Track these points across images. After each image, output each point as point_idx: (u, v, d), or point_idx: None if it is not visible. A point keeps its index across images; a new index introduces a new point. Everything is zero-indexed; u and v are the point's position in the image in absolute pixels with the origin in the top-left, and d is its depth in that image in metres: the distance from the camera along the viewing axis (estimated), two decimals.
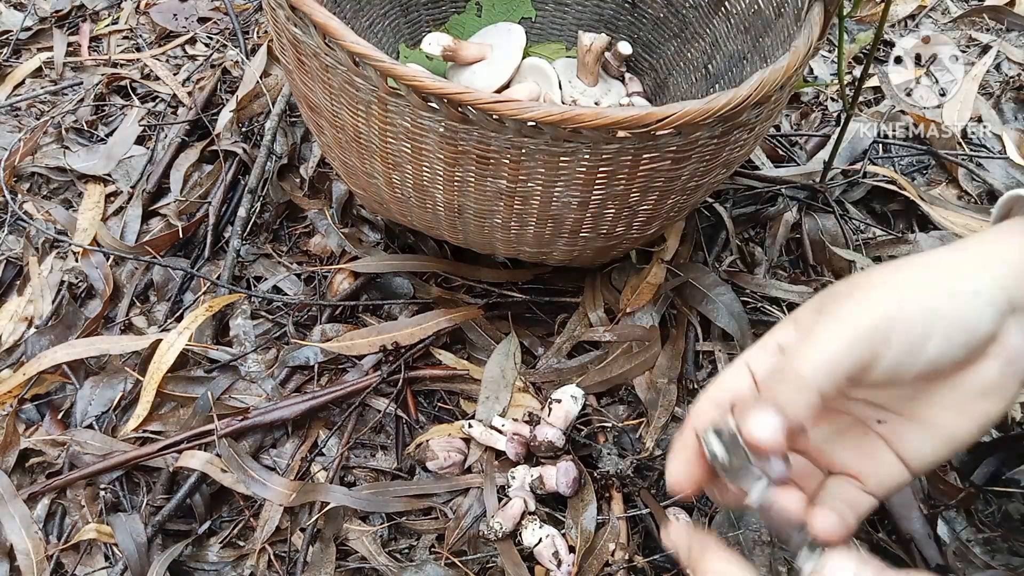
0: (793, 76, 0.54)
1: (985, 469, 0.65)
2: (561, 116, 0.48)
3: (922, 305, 0.34)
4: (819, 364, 0.33)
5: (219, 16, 1.16)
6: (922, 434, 0.38)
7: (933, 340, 0.34)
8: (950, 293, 0.34)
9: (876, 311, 0.34)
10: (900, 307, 0.34)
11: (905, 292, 0.35)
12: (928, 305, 0.34)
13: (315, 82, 0.58)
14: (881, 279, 0.36)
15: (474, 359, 0.74)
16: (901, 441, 0.38)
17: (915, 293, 0.35)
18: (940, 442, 0.37)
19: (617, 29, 0.94)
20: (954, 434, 0.37)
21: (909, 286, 0.35)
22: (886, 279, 0.36)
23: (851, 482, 0.38)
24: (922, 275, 0.35)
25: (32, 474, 0.69)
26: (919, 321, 0.34)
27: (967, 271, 0.35)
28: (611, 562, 0.61)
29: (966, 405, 0.37)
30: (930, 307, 0.34)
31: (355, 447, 0.70)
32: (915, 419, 0.38)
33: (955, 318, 0.34)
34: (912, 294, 0.34)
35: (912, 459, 0.38)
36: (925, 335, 0.34)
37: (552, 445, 0.64)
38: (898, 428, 0.38)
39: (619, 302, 0.76)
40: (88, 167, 0.92)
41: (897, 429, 0.38)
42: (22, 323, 0.79)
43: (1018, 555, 0.61)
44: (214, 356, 0.74)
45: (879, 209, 0.90)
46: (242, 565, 0.64)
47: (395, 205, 0.66)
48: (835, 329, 0.34)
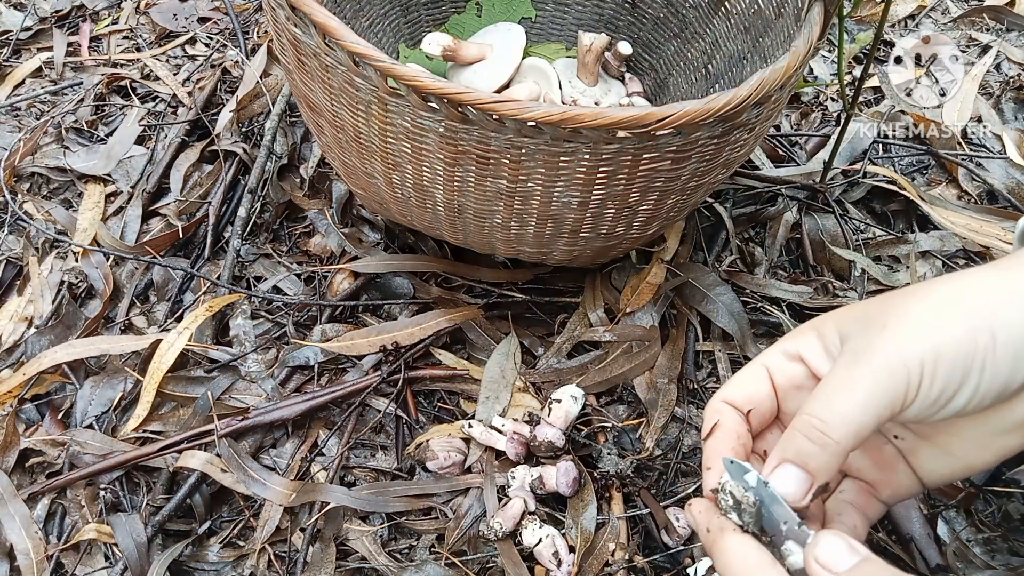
0: (793, 76, 0.54)
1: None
2: (561, 116, 0.48)
3: (961, 350, 0.32)
4: (851, 428, 0.32)
5: (219, 16, 1.16)
6: (939, 457, 0.37)
7: (966, 389, 0.32)
8: (991, 336, 0.32)
9: (911, 351, 0.32)
10: (937, 348, 0.32)
11: (943, 332, 0.32)
12: (967, 350, 0.32)
13: (315, 82, 0.58)
14: (919, 311, 0.33)
15: (474, 359, 0.74)
16: (917, 459, 0.38)
17: (954, 335, 0.32)
18: (956, 467, 0.37)
19: (617, 29, 0.94)
20: (971, 463, 0.37)
21: (947, 323, 0.33)
22: (925, 312, 0.33)
23: (866, 488, 0.38)
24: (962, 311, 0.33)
25: (32, 474, 0.69)
26: (955, 368, 0.32)
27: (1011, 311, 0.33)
28: (611, 562, 0.61)
29: (987, 440, 0.36)
30: (968, 352, 0.32)
31: (355, 447, 0.70)
32: (932, 442, 0.38)
33: (992, 370, 0.32)
34: (951, 335, 0.32)
35: (926, 476, 0.38)
36: (959, 383, 0.32)
37: (552, 445, 0.64)
38: (915, 447, 0.38)
39: (619, 302, 0.76)
40: (88, 167, 0.92)
41: (914, 447, 0.38)
42: (22, 323, 0.79)
43: (1018, 555, 0.61)
44: (214, 356, 0.74)
45: (879, 209, 0.90)
46: (242, 565, 0.64)
47: (395, 205, 0.66)
48: (866, 384, 0.32)
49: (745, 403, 0.37)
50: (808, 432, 0.33)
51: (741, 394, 0.38)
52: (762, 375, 0.38)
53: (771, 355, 0.39)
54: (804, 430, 0.33)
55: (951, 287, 0.34)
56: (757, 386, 0.38)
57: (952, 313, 0.33)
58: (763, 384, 0.38)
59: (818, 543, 0.31)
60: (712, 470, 0.36)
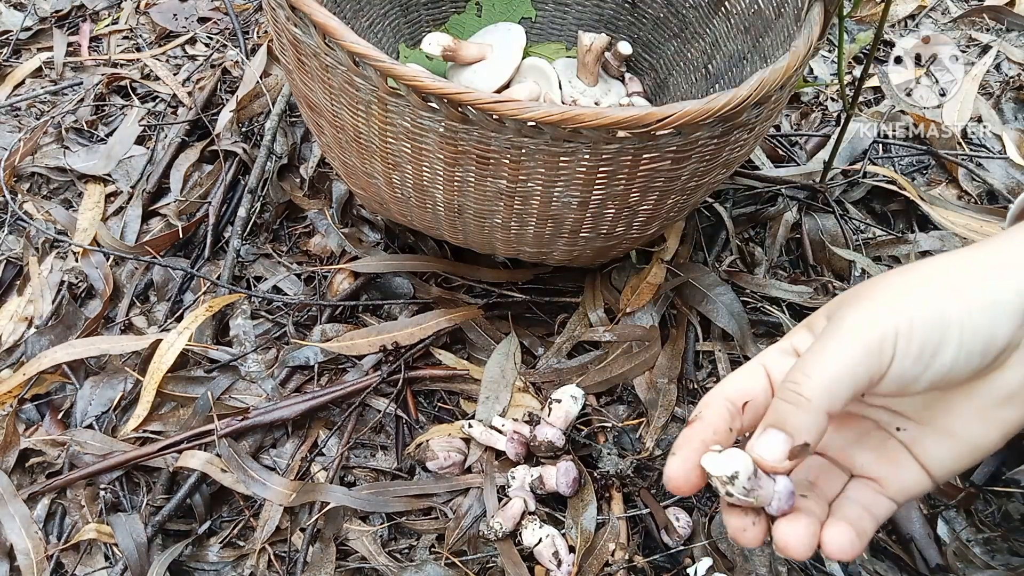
0: (793, 76, 0.54)
1: (985, 469, 0.65)
2: (561, 116, 0.48)
3: (933, 314, 0.33)
4: (824, 385, 0.33)
5: (219, 16, 1.16)
6: (943, 442, 0.37)
7: (946, 351, 0.33)
8: (964, 301, 0.34)
9: (884, 323, 0.33)
10: (909, 317, 0.33)
11: (914, 301, 0.34)
12: (940, 315, 0.33)
13: (315, 82, 0.58)
14: (890, 287, 0.35)
15: (474, 359, 0.74)
16: (922, 449, 0.38)
17: (925, 302, 0.34)
18: (962, 450, 0.37)
19: (617, 29, 0.94)
20: (977, 443, 0.37)
21: (919, 295, 0.34)
22: (895, 287, 0.35)
23: (871, 486, 0.38)
24: (933, 282, 0.35)
25: (32, 474, 0.69)
26: (930, 332, 0.33)
27: (983, 277, 0.35)
28: (611, 562, 0.61)
29: (987, 413, 0.36)
30: (942, 316, 0.33)
31: (355, 447, 0.70)
32: (934, 427, 0.38)
33: (969, 327, 0.33)
34: (922, 303, 0.34)
35: (933, 467, 0.38)
36: (936, 346, 0.33)
37: (552, 445, 0.64)
38: (918, 436, 0.38)
39: (619, 302, 0.76)
40: (88, 167, 0.92)
41: (917, 437, 0.38)
42: (22, 323, 0.79)
43: (1018, 555, 0.61)
44: (214, 356, 0.74)
45: (879, 209, 0.90)
46: (242, 565, 0.64)
47: (395, 205, 0.66)
48: (839, 346, 0.33)
49: (740, 396, 0.38)
50: (785, 396, 0.34)
51: (736, 388, 0.38)
52: (758, 371, 0.39)
53: (768, 353, 0.40)
54: (782, 395, 0.34)
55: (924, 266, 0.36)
56: (753, 381, 0.39)
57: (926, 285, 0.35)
58: (759, 379, 0.39)
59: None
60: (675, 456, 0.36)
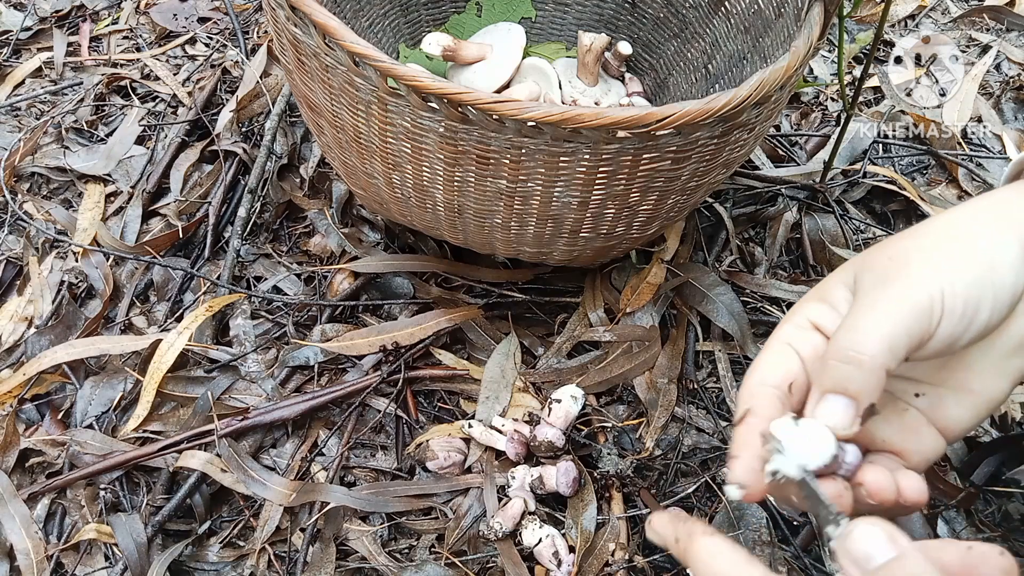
0: (793, 76, 0.54)
1: (985, 469, 0.65)
2: (561, 116, 0.48)
3: (969, 279, 0.34)
4: (883, 341, 0.32)
5: (219, 16, 1.16)
6: (961, 400, 0.38)
7: (984, 308, 0.34)
8: (991, 264, 0.35)
9: (930, 287, 0.34)
10: (951, 282, 0.34)
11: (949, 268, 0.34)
12: (974, 279, 0.34)
13: (315, 82, 0.58)
14: (920, 256, 0.35)
15: (474, 359, 0.74)
16: (942, 411, 0.38)
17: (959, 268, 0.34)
18: (980, 406, 0.38)
19: (617, 29, 0.94)
20: (991, 395, 0.37)
21: (951, 262, 0.35)
22: (926, 255, 0.35)
23: (892, 459, 0.38)
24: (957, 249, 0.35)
25: (32, 474, 0.69)
26: (971, 291, 0.34)
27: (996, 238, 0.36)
28: (611, 562, 0.61)
29: (1001, 365, 0.37)
30: (976, 280, 0.34)
31: (355, 447, 0.70)
32: (951, 387, 0.38)
33: (1000, 285, 0.34)
34: (956, 269, 0.34)
35: (950, 427, 0.38)
36: (977, 305, 0.34)
37: (552, 445, 0.64)
38: (935, 399, 0.38)
39: (619, 302, 0.76)
40: (88, 167, 0.92)
41: (935, 400, 0.38)
42: (22, 323, 0.79)
43: (1018, 555, 0.61)
44: (214, 356, 0.74)
45: (879, 209, 0.90)
46: (242, 565, 0.64)
47: (395, 205, 0.66)
48: (890, 305, 0.33)
49: (784, 379, 0.36)
50: (841, 356, 0.33)
51: (776, 373, 0.37)
52: (786, 350, 0.37)
53: (786, 332, 0.38)
54: (837, 357, 0.33)
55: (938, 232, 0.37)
56: (788, 362, 0.37)
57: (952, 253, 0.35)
58: (792, 359, 0.37)
59: (850, 534, 0.29)
60: (739, 459, 0.34)
